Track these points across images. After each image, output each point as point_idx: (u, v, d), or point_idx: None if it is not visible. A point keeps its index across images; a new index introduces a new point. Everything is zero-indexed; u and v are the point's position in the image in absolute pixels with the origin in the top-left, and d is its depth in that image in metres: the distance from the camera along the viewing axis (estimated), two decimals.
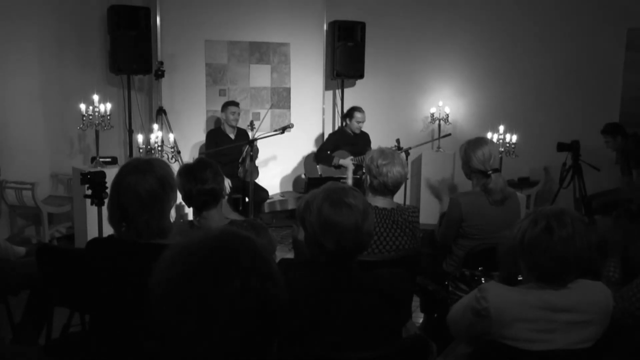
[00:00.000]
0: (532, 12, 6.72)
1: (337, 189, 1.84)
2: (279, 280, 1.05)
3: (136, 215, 1.89)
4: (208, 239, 1.06)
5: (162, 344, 1.01)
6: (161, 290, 1.01)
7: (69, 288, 2.75)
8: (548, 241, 1.74)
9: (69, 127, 5.64)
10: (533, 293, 1.79)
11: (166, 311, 1.00)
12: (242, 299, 0.98)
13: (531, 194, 6.51)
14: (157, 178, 1.91)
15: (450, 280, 2.57)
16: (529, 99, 6.79)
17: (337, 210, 1.76)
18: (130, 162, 2.02)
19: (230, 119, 5.80)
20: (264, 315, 1.00)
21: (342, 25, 6.50)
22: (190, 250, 1.04)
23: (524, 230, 1.79)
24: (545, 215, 1.78)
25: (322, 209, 1.78)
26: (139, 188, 1.88)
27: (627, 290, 2.23)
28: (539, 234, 1.76)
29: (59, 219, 5.59)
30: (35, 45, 5.57)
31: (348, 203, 1.78)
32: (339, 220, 1.76)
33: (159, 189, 1.91)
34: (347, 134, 6.12)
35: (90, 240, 2.03)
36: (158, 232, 1.92)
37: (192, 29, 6.08)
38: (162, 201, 1.93)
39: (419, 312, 3.20)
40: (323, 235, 1.77)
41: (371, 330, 1.76)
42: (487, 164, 3.06)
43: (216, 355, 0.99)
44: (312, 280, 1.79)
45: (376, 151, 2.90)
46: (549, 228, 1.75)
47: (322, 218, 1.77)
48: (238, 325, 0.98)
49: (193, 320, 0.98)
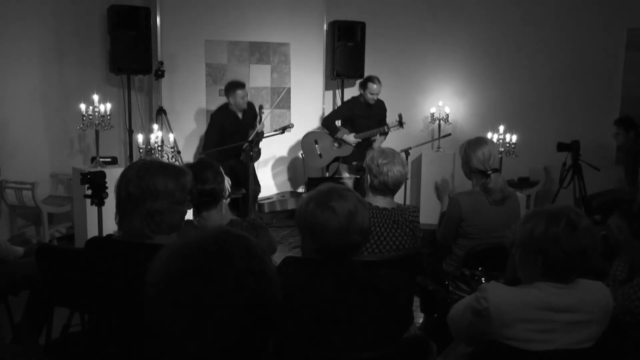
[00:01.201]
0: (532, 12, 6.72)
1: (326, 190, 1.87)
2: (273, 279, 1.05)
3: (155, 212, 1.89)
4: (203, 238, 1.06)
5: (158, 342, 1.01)
6: (156, 289, 1.02)
7: (69, 288, 2.75)
8: (572, 235, 1.75)
9: (69, 127, 5.64)
10: (533, 293, 1.79)
11: (161, 310, 1.00)
12: (236, 298, 0.99)
13: (531, 194, 6.51)
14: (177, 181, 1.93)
15: (450, 280, 2.58)
16: (529, 99, 6.78)
17: (319, 212, 1.80)
18: (152, 162, 2.01)
19: (240, 104, 5.57)
20: (258, 314, 1.01)
21: (342, 25, 6.50)
22: (185, 249, 1.04)
23: (543, 229, 1.77)
24: (561, 212, 1.79)
25: (307, 209, 1.83)
26: (158, 185, 1.88)
27: (628, 287, 2.24)
28: (563, 231, 1.75)
29: (59, 219, 5.59)
30: (35, 45, 5.57)
31: (331, 206, 1.81)
32: (321, 222, 1.80)
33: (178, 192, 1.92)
34: (360, 104, 5.85)
35: (89, 240, 2.02)
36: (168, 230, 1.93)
37: (192, 29, 6.08)
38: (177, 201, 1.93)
39: (419, 312, 3.20)
40: (308, 235, 1.83)
41: (371, 330, 1.76)
42: (486, 164, 3.06)
43: (211, 354, 0.99)
44: (311, 278, 1.79)
45: (376, 150, 2.91)
46: (571, 223, 1.75)
47: (307, 218, 1.82)
48: (232, 323, 0.99)
49: (187, 318, 0.98)
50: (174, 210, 1.94)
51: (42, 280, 2.84)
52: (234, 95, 5.56)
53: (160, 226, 1.91)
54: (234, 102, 5.58)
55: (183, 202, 1.96)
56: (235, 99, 5.56)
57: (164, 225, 1.92)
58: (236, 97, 5.55)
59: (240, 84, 5.62)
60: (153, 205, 1.88)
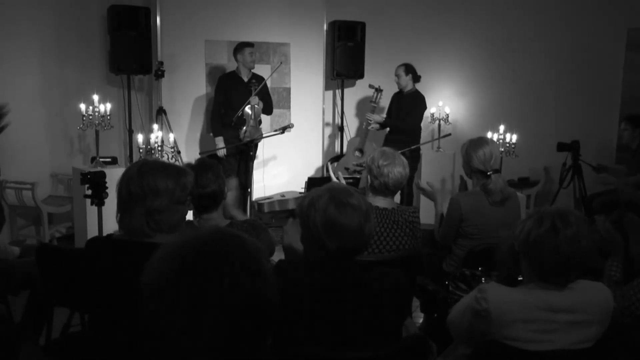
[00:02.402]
0: (532, 12, 6.72)
1: (342, 189, 1.85)
2: (270, 279, 1.05)
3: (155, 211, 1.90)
4: (199, 237, 1.06)
5: (154, 342, 1.01)
6: (152, 288, 1.02)
7: (69, 288, 2.75)
8: (553, 241, 1.74)
9: (69, 127, 5.64)
10: (533, 293, 1.79)
11: (157, 309, 1.00)
12: (232, 297, 0.99)
13: (531, 194, 6.51)
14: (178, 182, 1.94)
15: (450, 280, 2.58)
16: (529, 99, 6.78)
17: (342, 212, 1.77)
18: (155, 162, 2.04)
19: (248, 61, 5.58)
20: (253, 314, 1.01)
21: (342, 25, 6.50)
22: (181, 248, 1.04)
23: (529, 230, 1.79)
24: (550, 215, 1.78)
25: (327, 209, 1.77)
26: (159, 184, 1.90)
27: (628, 289, 2.24)
28: (544, 233, 1.76)
29: (59, 219, 5.58)
30: (36, 45, 5.57)
31: (352, 204, 1.78)
32: (344, 222, 1.76)
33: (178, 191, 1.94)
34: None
35: (89, 240, 2.03)
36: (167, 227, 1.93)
37: (192, 29, 6.08)
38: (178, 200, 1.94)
39: (419, 312, 3.20)
40: (327, 235, 1.77)
41: (371, 330, 1.76)
42: (487, 164, 3.06)
43: (206, 353, 0.99)
44: (312, 280, 1.79)
45: (377, 152, 2.91)
46: (555, 227, 1.75)
47: (327, 219, 1.77)
48: (228, 323, 0.99)
49: (183, 317, 0.98)
50: (175, 210, 1.94)
51: (42, 280, 2.83)
52: (242, 52, 5.59)
53: (160, 225, 1.92)
54: (242, 60, 5.61)
55: (184, 201, 1.97)
56: (243, 56, 5.58)
57: (164, 224, 1.93)
58: (244, 55, 5.58)
59: (249, 43, 5.67)
60: (153, 203, 1.89)
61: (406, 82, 5.85)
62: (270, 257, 2.63)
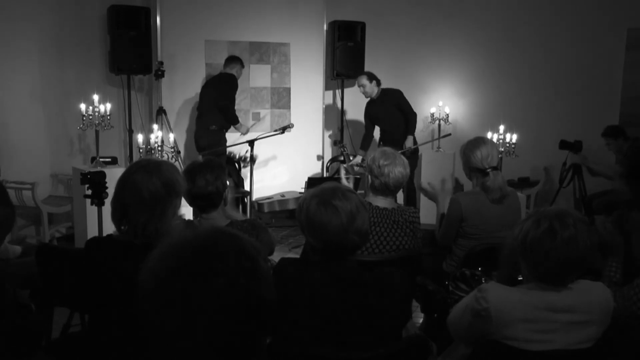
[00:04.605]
0: (532, 12, 6.73)
1: (328, 189, 1.87)
2: (266, 279, 1.05)
3: (136, 215, 1.89)
4: (196, 237, 1.06)
5: (151, 342, 1.01)
6: (148, 287, 1.02)
7: (69, 288, 2.75)
8: (550, 242, 1.74)
9: (69, 127, 5.65)
10: (533, 293, 1.79)
11: (153, 308, 1.00)
12: (227, 297, 0.98)
13: (531, 194, 6.51)
14: (163, 181, 1.91)
15: (450, 280, 2.57)
16: (529, 99, 6.79)
17: (322, 211, 1.80)
18: (140, 161, 2.03)
19: (239, 74, 5.85)
20: (249, 313, 1.00)
21: (342, 25, 6.50)
22: (177, 248, 1.04)
23: (527, 231, 1.79)
24: (548, 216, 1.77)
25: (309, 208, 1.83)
26: (142, 188, 1.89)
27: (628, 289, 2.23)
28: (541, 235, 1.75)
29: (59, 219, 5.58)
30: (35, 45, 5.57)
31: (334, 204, 1.81)
32: (324, 221, 1.80)
33: (162, 192, 1.91)
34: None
35: (89, 240, 2.03)
36: (155, 234, 1.91)
37: (192, 29, 6.08)
38: (164, 204, 1.92)
39: (419, 312, 3.20)
40: (309, 233, 1.83)
41: (371, 330, 1.76)
42: (485, 162, 3.06)
43: (202, 353, 0.99)
44: (310, 278, 1.80)
45: (378, 151, 2.91)
46: (552, 229, 1.74)
47: (309, 217, 1.82)
48: (223, 323, 0.99)
49: (178, 317, 0.98)
50: (174, 211, 1.95)
51: (42, 280, 2.83)
52: (239, 69, 5.83)
53: (160, 225, 1.92)
54: (236, 72, 5.82)
55: (173, 205, 1.97)
56: (238, 72, 5.82)
57: (163, 225, 1.93)
58: (237, 69, 5.82)
59: (242, 62, 5.92)
60: (153, 204, 1.89)
61: (372, 89, 5.92)
62: (270, 256, 2.63)
